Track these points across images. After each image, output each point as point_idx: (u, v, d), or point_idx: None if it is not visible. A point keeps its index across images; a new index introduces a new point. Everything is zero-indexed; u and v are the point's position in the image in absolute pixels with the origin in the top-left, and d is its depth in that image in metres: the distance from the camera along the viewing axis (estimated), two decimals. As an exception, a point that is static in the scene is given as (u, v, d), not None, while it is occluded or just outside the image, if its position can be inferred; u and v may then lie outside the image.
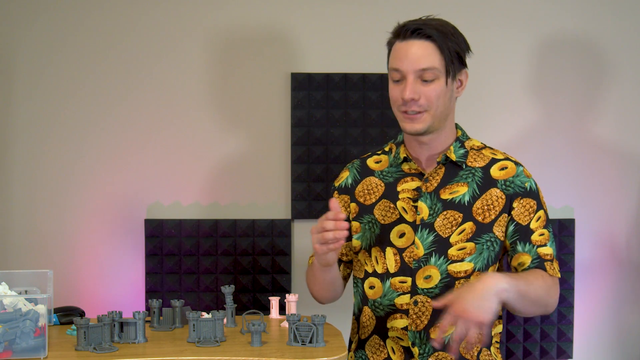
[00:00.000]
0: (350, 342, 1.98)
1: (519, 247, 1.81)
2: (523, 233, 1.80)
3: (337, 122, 2.70)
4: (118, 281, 2.68)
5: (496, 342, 1.88)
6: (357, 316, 1.95)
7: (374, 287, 1.86)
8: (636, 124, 2.78)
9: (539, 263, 1.80)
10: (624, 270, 2.77)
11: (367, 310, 1.89)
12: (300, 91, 2.69)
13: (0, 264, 2.64)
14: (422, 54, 1.75)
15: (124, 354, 1.66)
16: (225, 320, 1.95)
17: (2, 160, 2.68)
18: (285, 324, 1.98)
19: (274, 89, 2.71)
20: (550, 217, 2.73)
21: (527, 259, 1.80)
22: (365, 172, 1.94)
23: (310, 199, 2.70)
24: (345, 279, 1.99)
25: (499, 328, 1.88)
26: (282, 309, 2.54)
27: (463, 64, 1.83)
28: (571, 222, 2.73)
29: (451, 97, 1.81)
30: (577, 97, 2.76)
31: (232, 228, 2.68)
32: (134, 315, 1.77)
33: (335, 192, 1.97)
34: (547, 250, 1.81)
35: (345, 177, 1.97)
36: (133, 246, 2.69)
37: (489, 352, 1.84)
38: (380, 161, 1.94)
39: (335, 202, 1.74)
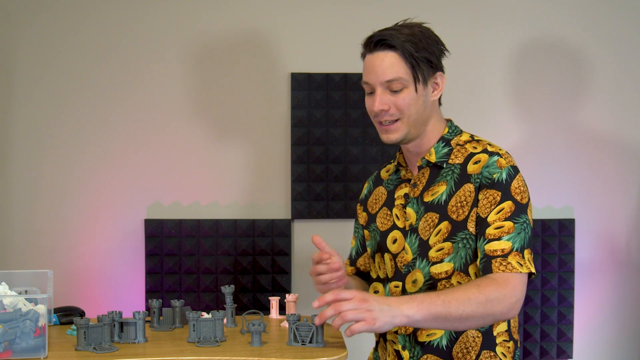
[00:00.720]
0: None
1: (478, 243, 1.74)
2: (480, 226, 1.73)
3: (337, 122, 2.70)
4: (118, 281, 2.68)
5: (504, 340, 1.83)
6: None
7: (378, 291, 1.89)
8: (636, 125, 2.78)
9: (485, 263, 1.68)
10: (624, 270, 2.77)
11: None
12: (300, 91, 2.69)
13: (0, 264, 2.64)
14: (386, 65, 1.75)
15: (124, 354, 1.66)
16: (225, 320, 1.95)
17: (2, 160, 2.68)
18: (285, 324, 1.98)
19: (274, 89, 2.71)
20: (550, 217, 2.73)
21: (478, 257, 1.73)
22: (377, 182, 1.98)
23: (310, 199, 2.70)
24: None
25: (502, 326, 1.81)
26: (282, 309, 2.54)
27: (436, 68, 1.79)
28: (571, 222, 2.73)
29: (425, 102, 1.79)
30: (578, 97, 2.76)
31: (232, 228, 2.68)
32: (134, 315, 1.77)
33: (358, 204, 2.02)
34: (500, 245, 1.68)
35: (364, 189, 2.02)
36: (133, 246, 2.69)
37: (492, 354, 1.80)
38: (389, 170, 1.96)
39: (318, 239, 1.76)
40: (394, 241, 1.84)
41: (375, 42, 1.76)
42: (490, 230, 1.71)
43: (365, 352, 2.63)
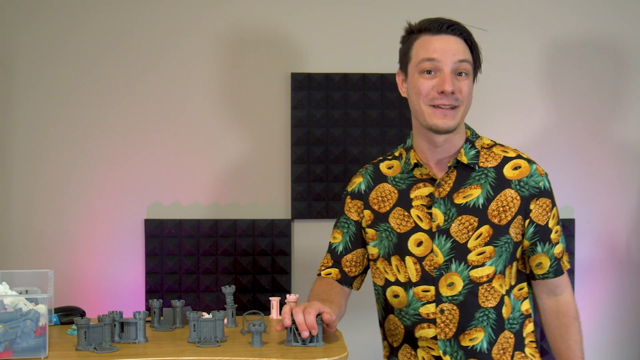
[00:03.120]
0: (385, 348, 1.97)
1: (539, 248, 1.81)
2: (543, 233, 1.81)
3: (337, 122, 2.70)
4: (118, 281, 2.68)
5: (530, 341, 1.86)
6: (381, 322, 1.94)
7: (398, 296, 1.83)
8: (637, 124, 2.78)
9: (557, 265, 1.83)
10: (624, 270, 2.77)
11: (393, 318, 1.86)
12: (300, 91, 2.69)
13: (0, 264, 2.64)
14: (460, 47, 1.75)
15: (125, 354, 1.66)
16: (225, 320, 1.95)
17: (2, 160, 2.68)
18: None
19: (274, 89, 2.71)
20: (550, 217, 2.74)
21: (545, 261, 1.82)
22: (379, 178, 1.89)
23: (310, 199, 2.70)
24: (358, 288, 1.97)
25: (530, 327, 1.86)
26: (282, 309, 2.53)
27: (479, 69, 1.83)
28: (571, 222, 2.73)
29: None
30: (577, 97, 2.76)
31: (232, 228, 2.68)
32: (135, 315, 1.77)
33: (348, 197, 1.93)
34: (560, 248, 1.84)
35: (358, 182, 1.92)
36: (133, 246, 2.69)
37: (523, 355, 1.83)
38: (392, 167, 1.89)
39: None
40: (419, 244, 1.79)
41: (448, 26, 1.75)
42: (553, 236, 1.82)
43: (365, 352, 2.63)
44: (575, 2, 2.76)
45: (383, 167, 1.91)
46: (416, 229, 1.80)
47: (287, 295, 2.09)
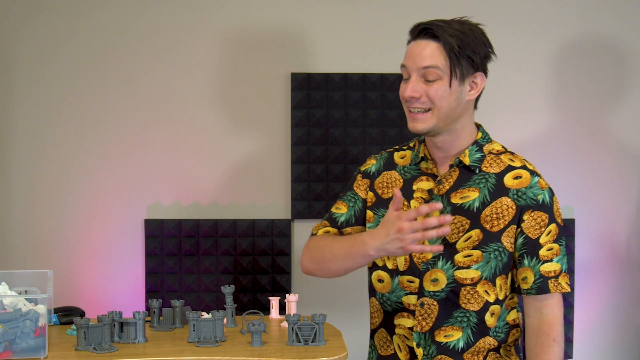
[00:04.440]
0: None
1: (525, 261, 1.79)
2: (531, 247, 1.79)
3: (337, 122, 2.70)
4: (118, 281, 2.68)
5: (508, 345, 1.87)
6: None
7: (383, 281, 1.86)
8: (637, 124, 2.78)
9: (542, 283, 1.78)
10: (624, 270, 2.77)
11: (374, 301, 1.90)
12: (300, 91, 2.69)
13: (0, 264, 2.64)
14: (426, 53, 1.75)
15: (124, 354, 1.66)
16: (225, 320, 1.96)
17: (2, 160, 2.68)
18: (285, 324, 1.98)
19: (274, 89, 2.71)
20: (550, 217, 2.73)
21: (530, 276, 1.79)
22: (390, 165, 1.93)
23: (310, 199, 2.70)
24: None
25: (517, 335, 1.88)
26: (282, 309, 2.54)
27: (477, 68, 1.78)
28: (571, 222, 2.73)
29: (459, 99, 1.77)
30: (577, 97, 2.76)
31: (232, 228, 2.68)
32: (134, 315, 1.77)
33: (359, 175, 1.97)
34: (553, 267, 1.79)
35: (371, 164, 1.96)
36: (133, 246, 2.69)
37: (498, 355, 1.84)
38: (405, 156, 1.93)
39: (399, 193, 1.68)
40: None
41: (420, 30, 1.77)
42: (543, 252, 1.79)
43: (365, 352, 2.63)
44: (577, 3, 2.76)
45: (397, 156, 1.95)
46: None
47: (287, 295, 2.09)
